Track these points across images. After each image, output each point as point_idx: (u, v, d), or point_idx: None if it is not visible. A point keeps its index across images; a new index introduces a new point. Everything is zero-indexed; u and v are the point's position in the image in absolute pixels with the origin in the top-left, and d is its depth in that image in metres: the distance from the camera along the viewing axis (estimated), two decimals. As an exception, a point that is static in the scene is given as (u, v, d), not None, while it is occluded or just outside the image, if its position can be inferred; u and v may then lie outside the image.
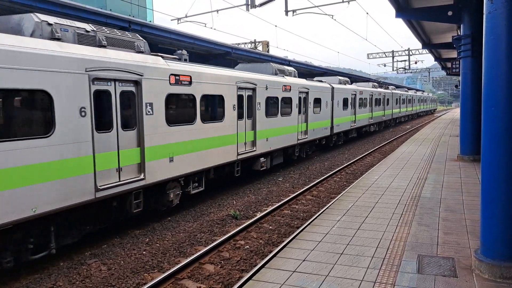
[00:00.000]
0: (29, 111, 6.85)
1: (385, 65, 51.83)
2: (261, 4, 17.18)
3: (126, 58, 8.65)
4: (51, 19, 7.68)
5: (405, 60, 46.81)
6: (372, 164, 18.36)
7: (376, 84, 36.40)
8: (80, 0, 13.54)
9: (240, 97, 12.98)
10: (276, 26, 24.91)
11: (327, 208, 9.28)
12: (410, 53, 44.45)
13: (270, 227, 9.78)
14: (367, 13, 23.84)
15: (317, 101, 19.85)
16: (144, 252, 8.32)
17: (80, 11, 12.18)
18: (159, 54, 10.13)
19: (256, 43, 31.74)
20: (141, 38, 9.81)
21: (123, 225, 9.73)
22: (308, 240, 7.00)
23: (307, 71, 30.76)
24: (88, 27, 8.41)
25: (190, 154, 10.63)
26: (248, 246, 8.52)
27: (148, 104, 9.12)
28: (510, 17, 5.02)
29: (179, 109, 10.41)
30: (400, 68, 49.94)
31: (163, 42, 16.67)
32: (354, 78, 37.29)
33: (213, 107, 11.83)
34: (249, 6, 17.17)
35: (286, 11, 18.62)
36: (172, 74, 9.90)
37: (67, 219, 7.79)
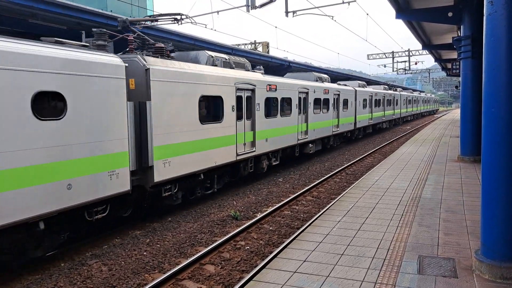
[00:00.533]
0: (215, 108, 12.10)
1: (385, 66, 51.79)
2: (262, 5, 17.15)
3: (249, 76, 13.85)
4: (212, 54, 12.55)
5: (405, 61, 46.80)
6: (373, 164, 18.36)
7: (386, 86, 40.98)
8: (81, 1, 13.57)
9: (299, 99, 18.12)
10: (276, 27, 24.93)
11: (327, 209, 9.28)
12: (410, 53, 44.43)
13: (271, 228, 9.79)
14: (367, 14, 23.85)
15: (345, 102, 24.70)
16: (144, 253, 8.32)
17: (82, 13, 12.21)
18: (257, 71, 15.15)
19: (256, 44, 31.73)
20: (247, 61, 14.68)
21: (124, 226, 9.74)
22: (308, 240, 7.00)
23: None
24: (226, 56, 13.28)
25: (274, 137, 15.72)
26: (248, 247, 8.53)
27: (257, 104, 14.37)
28: (510, 19, 5.03)
29: (270, 107, 15.52)
30: (400, 68, 49.91)
31: (164, 43, 16.67)
32: (367, 81, 40.78)
33: (285, 106, 16.80)
34: (250, 7, 17.13)
35: (286, 12, 18.60)
36: (268, 84, 15.10)
37: (222, 171, 12.79)
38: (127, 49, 10.06)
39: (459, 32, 17.66)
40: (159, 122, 9.59)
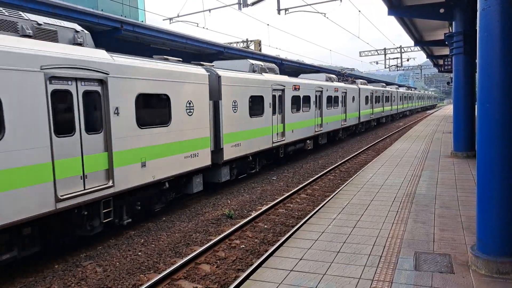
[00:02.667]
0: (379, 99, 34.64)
1: (377, 63, 51.96)
2: (253, 3, 17.12)
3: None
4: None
5: (397, 58, 46.95)
6: (366, 161, 18.40)
7: (406, 87, 64.37)
8: (71, 0, 13.42)
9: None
10: (268, 25, 24.85)
11: (322, 206, 9.28)
12: (402, 50, 44.59)
13: (266, 226, 9.76)
14: (359, 11, 23.87)
15: (388, 98, 41.10)
16: (139, 253, 8.26)
17: (72, 12, 12.09)
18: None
19: (248, 42, 31.67)
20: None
21: (118, 226, 9.65)
22: (304, 238, 6.98)
23: (300, 70, 30.80)
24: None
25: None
26: (243, 246, 8.50)
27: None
28: (504, 14, 5.03)
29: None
30: (392, 65, 50.12)
31: (155, 42, 16.60)
32: (387, 83, 57.48)
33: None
34: (241, 5, 17.09)
35: (279, 10, 18.58)
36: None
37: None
38: (346, 79, 28.56)
39: (450, 28, 17.73)
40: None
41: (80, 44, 8.26)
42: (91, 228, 8.25)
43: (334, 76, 25.56)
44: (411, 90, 66.28)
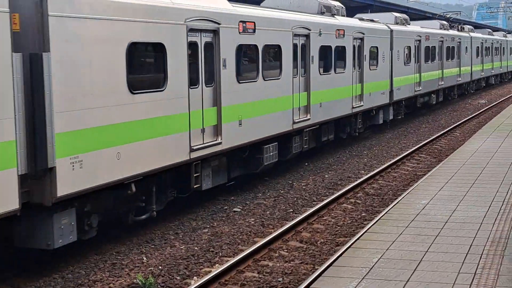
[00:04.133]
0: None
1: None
2: None
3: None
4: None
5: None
6: (416, 175, 18.59)
7: None
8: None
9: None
10: None
11: (330, 266, 9.22)
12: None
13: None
14: None
15: (498, 49, 67.83)
16: None
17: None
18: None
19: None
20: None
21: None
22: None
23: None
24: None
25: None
26: None
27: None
28: None
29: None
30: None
31: None
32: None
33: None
34: None
35: None
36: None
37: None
38: (452, 25, 49.81)
39: None
40: None
41: None
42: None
43: (445, 22, 44.44)
44: None
